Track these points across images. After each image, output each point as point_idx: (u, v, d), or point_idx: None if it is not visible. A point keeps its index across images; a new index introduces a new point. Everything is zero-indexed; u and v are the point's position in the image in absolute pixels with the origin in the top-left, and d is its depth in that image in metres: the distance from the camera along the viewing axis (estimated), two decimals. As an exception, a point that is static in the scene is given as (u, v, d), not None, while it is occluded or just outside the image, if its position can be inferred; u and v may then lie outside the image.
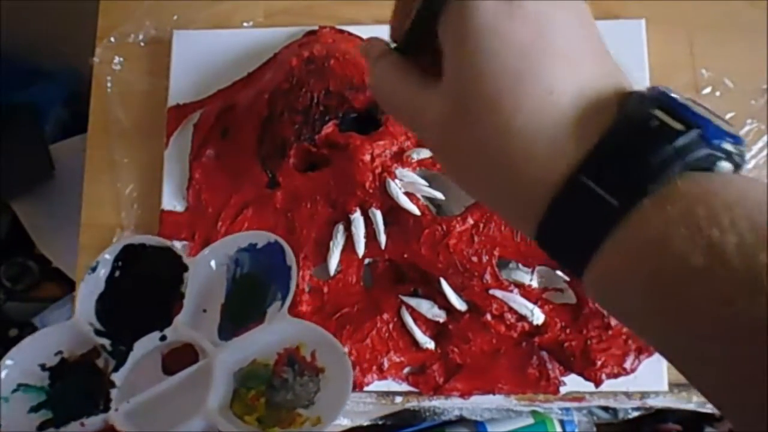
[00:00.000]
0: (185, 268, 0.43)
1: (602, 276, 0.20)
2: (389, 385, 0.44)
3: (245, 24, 0.51)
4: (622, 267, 0.19)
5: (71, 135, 0.77)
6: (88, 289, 0.44)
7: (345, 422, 0.45)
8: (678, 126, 0.19)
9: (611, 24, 0.47)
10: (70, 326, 0.43)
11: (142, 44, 0.51)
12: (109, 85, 0.50)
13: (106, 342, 0.42)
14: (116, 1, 0.52)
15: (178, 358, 0.43)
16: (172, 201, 0.47)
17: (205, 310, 0.44)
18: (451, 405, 0.45)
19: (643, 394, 0.44)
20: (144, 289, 0.44)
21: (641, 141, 0.19)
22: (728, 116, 0.47)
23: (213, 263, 0.44)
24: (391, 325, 0.44)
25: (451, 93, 0.22)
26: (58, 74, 0.83)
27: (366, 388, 0.44)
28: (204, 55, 0.49)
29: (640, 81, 0.46)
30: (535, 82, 0.20)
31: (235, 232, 0.46)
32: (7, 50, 0.79)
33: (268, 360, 0.42)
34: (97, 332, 0.43)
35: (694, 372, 0.18)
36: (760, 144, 0.47)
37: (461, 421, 0.47)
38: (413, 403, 0.45)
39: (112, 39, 0.51)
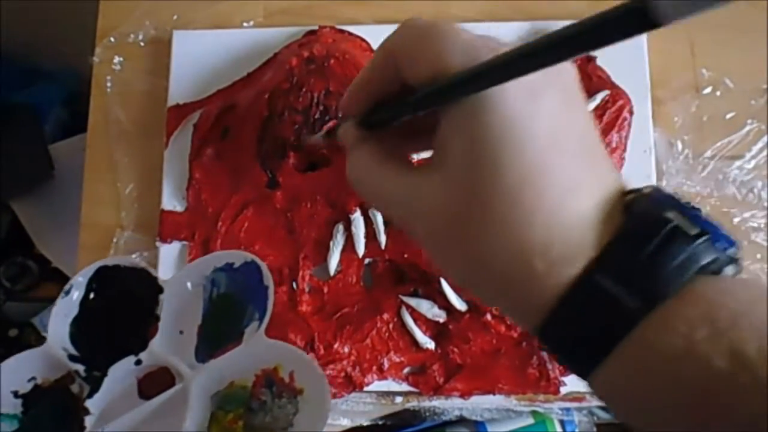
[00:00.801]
0: (161, 290, 0.43)
1: (615, 378, 0.19)
2: (389, 385, 0.44)
3: (245, 24, 0.51)
4: (639, 370, 0.19)
5: (71, 135, 0.77)
6: (62, 313, 0.43)
7: (345, 422, 0.45)
8: (694, 230, 0.19)
9: (611, 24, 0.47)
10: (43, 352, 0.42)
11: (142, 44, 0.51)
12: (108, 85, 0.50)
13: (80, 367, 0.42)
14: (116, 1, 0.52)
15: (155, 381, 0.42)
16: (172, 201, 0.47)
17: (181, 332, 0.43)
18: (451, 405, 0.45)
19: (644, 394, 0.44)
20: (119, 312, 0.44)
21: (659, 243, 0.19)
22: (728, 116, 0.47)
23: (189, 284, 0.44)
24: (391, 325, 0.44)
25: (460, 182, 0.22)
26: (58, 74, 0.83)
27: (366, 388, 0.44)
28: (204, 55, 0.49)
29: (641, 81, 0.46)
30: (558, 178, 0.20)
31: (235, 232, 0.46)
32: (7, 50, 0.79)
33: (246, 382, 0.41)
34: (71, 357, 0.42)
35: None
36: (760, 144, 0.47)
37: (461, 421, 0.47)
38: (413, 403, 0.45)
39: (112, 39, 0.51)
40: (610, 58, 0.46)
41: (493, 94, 0.20)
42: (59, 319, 0.43)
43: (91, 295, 0.44)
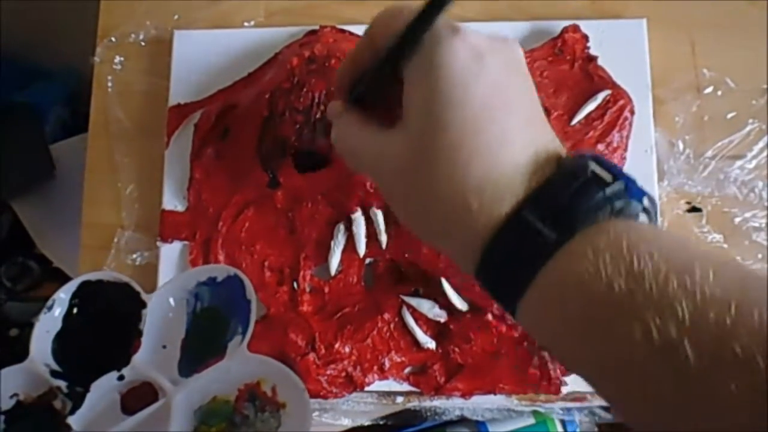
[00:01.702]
0: (144, 305, 0.43)
1: (535, 304, 0.22)
2: (390, 385, 0.44)
3: (246, 24, 0.51)
4: (555, 295, 0.21)
5: (72, 135, 0.77)
6: (44, 329, 0.43)
7: (346, 422, 0.45)
8: (608, 177, 0.22)
9: (612, 24, 0.47)
10: (26, 368, 0.42)
11: (142, 44, 0.51)
12: (109, 84, 0.50)
13: (62, 384, 0.41)
14: (117, 1, 0.52)
15: (138, 396, 0.42)
16: (172, 201, 0.47)
17: (164, 346, 0.43)
18: (452, 405, 0.45)
19: (645, 394, 0.44)
20: (102, 327, 0.43)
21: (577, 186, 0.22)
22: (730, 116, 0.47)
23: (172, 299, 0.44)
24: (392, 325, 0.44)
25: (412, 138, 0.25)
26: (59, 74, 0.83)
27: (367, 388, 0.44)
28: (205, 54, 0.49)
29: (642, 81, 0.46)
30: (492, 133, 0.23)
31: (236, 232, 0.46)
32: (7, 50, 0.79)
33: (229, 396, 0.41)
34: (54, 373, 0.42)
35: (602, 386, 0.21)
36: (761, 144, 0.47)
37: (462, 421, 0.47)
38: (414, 403, 0.45)
39: (113, 39, 0.51)
40: (611, 57, 0.46)
41: (443, 56, 0.24)
42: (42, 335, 0.43)
43: (74, 311, 0.44)
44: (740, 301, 0.18)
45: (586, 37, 0.47)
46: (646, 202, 0.23)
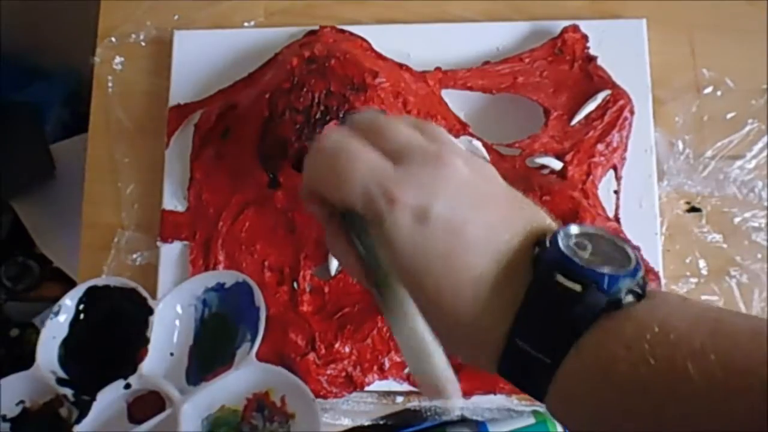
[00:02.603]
0: (151, 311, 0.42)
1: (554, 410, 0.24)
2: (390, 384, 0.44)
3: (246, 24, 0.51)
4: (564, 407, 0.24)
5: (72, 135, 0.77)
6: (50, 335, 0.43)
7: (346, 422, 0.45)
8: (576, 288, 0.22)
9: (612, 24, 0.47)
10: (32, 375, 0.42)
11: (142, 44, 0.51)
12: (109, 84, 0.50)
13: (68, 392, 0.41)
14: (117, 1, 0.52)
15: (145, 404, 0.42)
16: (172, 201, 0.47)
17: (172, 353, 0.43)
18: (452, 405, 0.45)
19: (644, 394, 0.44)
20: (108, 334, 0.43)
21: (552, 307, 0.23)
22: (729, 116, 0.47)
23: (179, 306, 0.43)
24: (392, 325, 0.44)
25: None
26: (59, 74, 0.83)
27: (367, 388, 0.44)
28: (205, 55, 0.49)
29: (642, 81, 0.46)
30: (458, 273, 0.24)
31: (236, 232, 0.46)
32: (8, 50, 0.79)
33: (237, 406, 0.41)
34: (60, 381, 0.41)
35: None
36: (760, 144, 0.47)
37: (462, 420, 0.47)
38: (414, 403, 0.45)
39: (113, 39, 0.51)
40: (611, 58, 0.46)
41: (388, 235, 0.25)
42: (48, 342, 0.42)
43: (81, 317, 0.43)
44: (724, 391, 0.19)
45: (585, 38, 0.47)
46: (624, 284, 0.23)
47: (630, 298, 0.23)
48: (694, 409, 0.19)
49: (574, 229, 0.24)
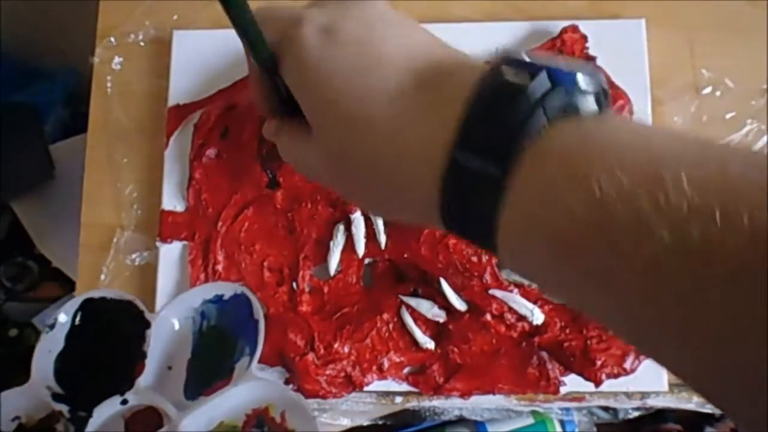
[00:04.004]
0: (148, 324, 0.42)
1: (508, 243, 0.19)
2: (389, 385, 0.44)
3: (245, 24, 0.51)
4: (521, 232, 0.19)
5: (71, 135, 0.77)
6: (46, 349, 0.42)
7: (345, 422, 0.45)
8: (525, 79, 0.18)
9: (611, 24, 0.47)
10: (27, 390, 0.41)
11: (142, 44, 0.51)
12: (109, 85, 0.50)
13: (64, 408, 0.41)
14: (116, 1, 0.52)
15: (142, 420, 0.42)
16: (172, 201, 0.47)
17: (170, 367, 0.43)
18: (451, 405, 0.45)
19: (643, 394, 0.44)
20: (105, 347, 0.43)
21: (496, 102, 0.19)
22: (728, 116, 0.47)
23: (177, 318, 0.43)
24: (391, 325, 0.44)
25: (315, 139, 0.24)
26: (58, 74, 0.83)
27: (366, 388, 0.44)
28: (204, 55, 0.49)
29: (641, 81, 0.46)
30: (371, 84, 0.21)
31: (235, 232, 0.46)
32: (7, 50, 0.79)
33: (236, 422, 0.41)
34: (56, 396, 0.41)
35: (594, 313, 0.18)
36: (760, 144, 0.47)
37: (461, 421, 0.47)
38: (413, 403, 0.45)
39: (113, 39, 0.51)
40: (610, 58, 0.46)
41: (293, 53, 0.23)
42: (43, 356, 0.42)
43: (77, 330, 0.43)
44: (723, 207, 0.15)
45: (585, 38, 0.47)
46: (582, 83, 0.19)
47: (592, 104, 0.19)
48: (687, 229, 0.15)
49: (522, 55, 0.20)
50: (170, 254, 0.47)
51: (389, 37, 0.22)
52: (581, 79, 0.19)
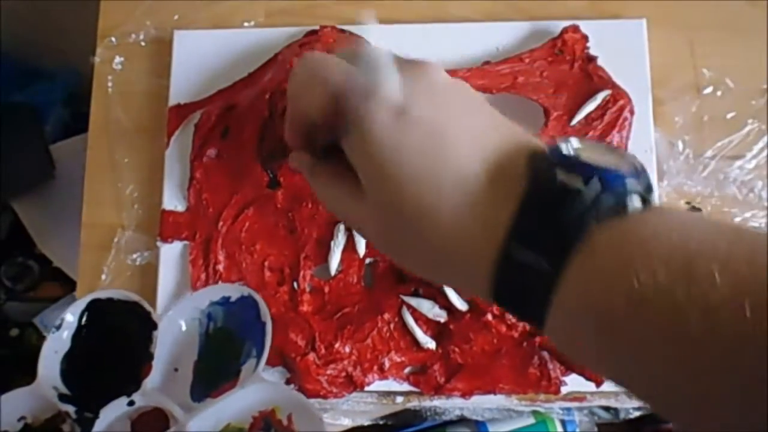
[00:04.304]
0: (155, 325, 0.42)
1: (555, 326, 0.21)
2: (390, 384, 0.44)
3: (246, 24, 0.51)
4: (567, 318, 0.21)
5: (72, 135, 0.77)
6: (52, 349, 0.42)
7: (346, 422, 0.45)
8: (578, 182, 0.20)
9: (611, 24, 0.47)
10: (33, 391, 0.41)
11: (142, 44, 0.51)
12: (109, 84, 0.50)
13: (70, 408, 0.41)
14: (117, 1, 0.52)
15: (149, 422, 0.41)
16: (172, 201, 0.47)
17: (176, 369, 0.43)
18: (452, 405, 0.45)
19: (644, 394, 0.44)
20: (111, 348, 0.43)
21: (551, 204, 0.20)
22: (729, 116, 0.47)
23: (183, 320, 0.43)
24: (392, 325, 0.44)
25: (373, 210, 0.25)
26: (59, 74, 0.83)
27: (367, 388, 0.44)
28: (205, 55, 0.49)
29: (641, 81, 0.46)
30: (440, 171, 0.22)
31: (236, 232, 0.46)
32: (8, 50, 0.79)
33: (243, 424, 0.41)
34: (62, 397, 0.41)
35: (634, 390, 0.20)
36: (760, 144, 0.47)
37: (462, 421, 0.47)
38: (414, 403, 0.45)
39: (113, 39, 0.51)
40: (610, 58, 0.46)
41: (365, 131, 0.23)
42: (50, 356, 0.42)
43: (83, 330, 0.43)
44: (753, 300, 0.16)
45: (585, 38, 0.47)
46: (630, 184, 0.20)
47: (637, 202, 0.21)
48: (718, 320, 0.17)
49: (575, 139, 0.22)
50: (171, 254, 0.47)
51: (457, 121, 0.23)
52: (630, 182, 0.20)
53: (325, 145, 0.28)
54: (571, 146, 0.22)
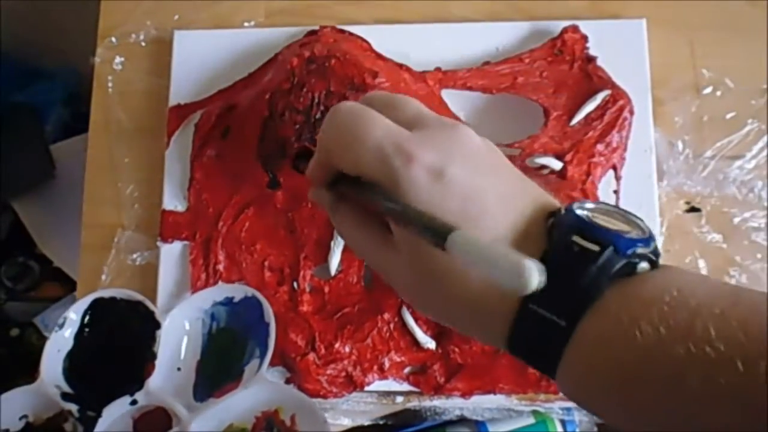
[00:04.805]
0: (158, 325, 0.42)
1: (567, 381, 0.23)
2: (390, 384, 0.44)
3: (246, 24, 0.51)
4: (578, 368, 0.23)
5: (72, 135, 0.77)
6: (55, 348, 0.42)
7: (346, 422, 0.45)
8: (594, 248, 0.22)
9: (611, 24, 0.47)
10: (36, 389, 0.41)
11: (143, 44, 0.51)
12: (110, 85, 0.50)
13: (73, 407, 0.41)
14: (117, 1, 0.52)
15: (151, 421, 0.41)
16: (173, 201, 0.47)
17: (179, 369, 0.43)
18: (452, 405, 0.45)
19: (644, 394, 0.44)
20: (114, 347, 0.43)
21: (569, 267, 0.22)
22: (729, 116, 0.47)
23: (186, 320, 0.43)
24: (391, 325, 0.44)
25: (406, 265, 0.26)
26: (59, 74, 0.83)
27: (367, 388, 0.44)
28: (205, 55, 0.49)
29: (641, 81, 0.46)
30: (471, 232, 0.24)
31: (236, 232, 0.46)
32: (8, 50, 0.79)
33: (246, 424, 0.41)
34: (65, 396, 0.41)
35: None
36: (760, 144, 0.47)
37: (462, 420, 0.47)
38: (414, 403, 0.45)
39: (113, 39, 0.51)
40: (610, 58, 0.46)
41: (405, 192, 0.24)
42: (52, 355, 0.42)
43: (86, 329, 0.43)
44: (745, 357, 0.18)
45: (585, 38, 0.47)
46: (640, 249, 0.23)
47: (645, 264, 0.23)
48: (714, 374, 0.19)
49: (588, 203, 0.25)
50: (171, 254, 0.47)
51: (491, 185, 0.25)
52: (640, 247, 0.23)
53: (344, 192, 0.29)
54: (586, 209, 0.24)
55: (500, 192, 0.25)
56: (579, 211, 0.24)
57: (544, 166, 0.45)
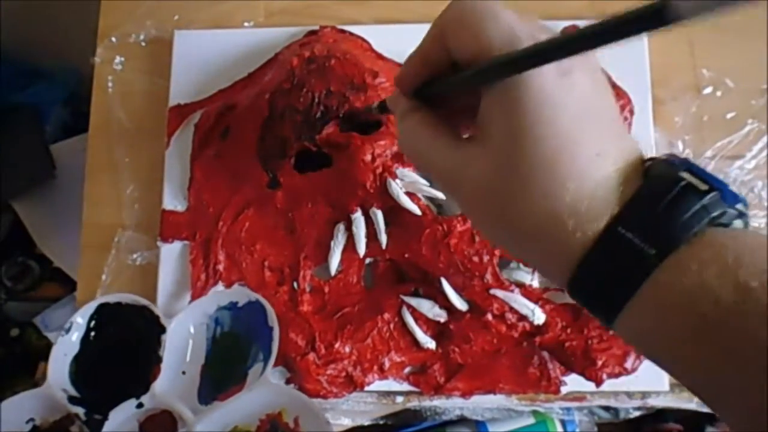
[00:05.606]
0: (163, 329, 0.42)
1: (636, 320, 0.22)
2: (390, 384, 0.44)
3: (246, 24, 0.51)
4: (658, 310, 0.21)
5: (72, 135, 0.77)
6: (61, 352, 0.42)
7: (346, 422, 0.45)
8: (704, 186, 0.22)
9: (612, 24, 0.47)
10: (43, 393, 0.41)
11: (143, 44, 0.51)
12: (110, 84, 0.50)
13: (80, 410, 0.41)
14: (117, 1, 0.52)
15: (157, 424, 0.42)
16: (173, 201, 0.47)
17: (184, 372, 0.43)
18: (452, 405, 0.45)
19: (644, 394, 0.44)
20: (120, 351, 0.43)
21: (673, 198, 0.21)
22: (729, 116, 0.47)
23: (191, 324, 0.43)
24: (392, 325, 0.44)
25: (496, 157, 0.24)
26: (59, 74, 0.83)
27: (367, 388, 0.44)
28: (205, 55, 0.49)
29: (641, 81, 0.46)
30: (587, 146, 0.23)
31: (236, 232, 0.46)
32: (8, 50, 0.79)
33: (250, 427, 0.41)
34: (71, 399, 0.41)
35: (719, 402, 0.22)
36: (760, 144, 0.47)
37: (462, 420, 0.47)
38: (414, 403, 0.45)
39: (113, 39, 0.51)
40: (611, 58, 0.46)
41: (527, 73, 0.23)
42: (59, 359, 0.42)
43: (92, 334, 0.43)
44: None
45: (585, 38, 0.47)
46: (740, 206, 0.22)
47: (740, 223, 0.22)
48: None
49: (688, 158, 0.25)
50: (171, 254, 0.47)
51: (605, 105, 0.24)
52: (741, 204, 0.22)
53: (431, 93, 0.28)
54: (688, 158, 0.23)
55: (612, 116, 0.24)
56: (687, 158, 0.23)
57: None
